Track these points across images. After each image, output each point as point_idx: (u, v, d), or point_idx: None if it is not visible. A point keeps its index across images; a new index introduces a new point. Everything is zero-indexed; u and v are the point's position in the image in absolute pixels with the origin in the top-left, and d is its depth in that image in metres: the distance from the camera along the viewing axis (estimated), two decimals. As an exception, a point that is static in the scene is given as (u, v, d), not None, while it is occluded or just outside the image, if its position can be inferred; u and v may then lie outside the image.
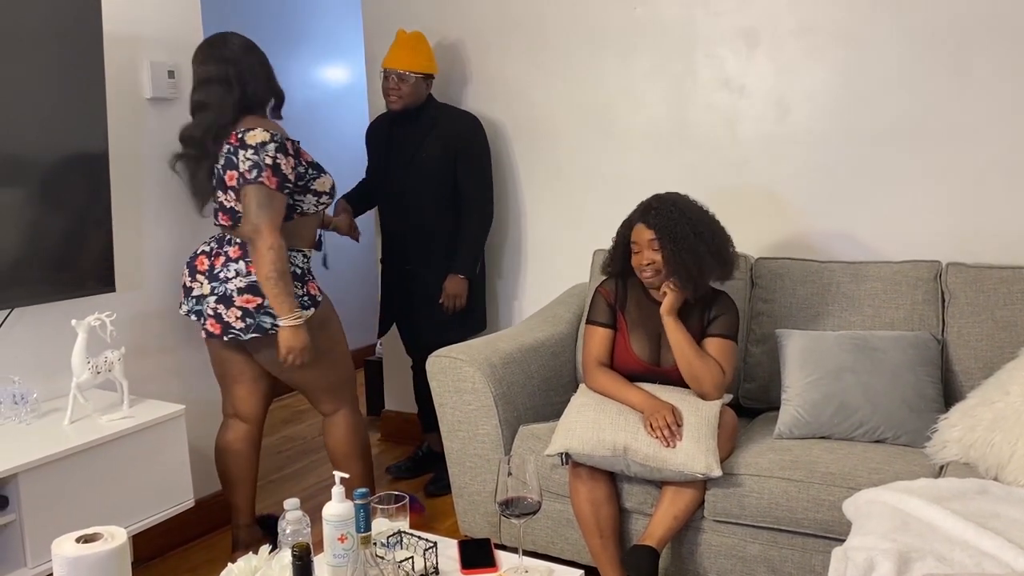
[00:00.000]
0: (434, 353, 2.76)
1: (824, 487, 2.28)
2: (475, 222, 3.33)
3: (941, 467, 2.33)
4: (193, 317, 2.70)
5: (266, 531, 2.93)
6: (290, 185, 2.61)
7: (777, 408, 2.65)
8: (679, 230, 2.47)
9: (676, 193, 2.59)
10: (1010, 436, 2.17)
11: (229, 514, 2.89)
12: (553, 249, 3.54)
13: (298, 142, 2.67)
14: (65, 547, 1.63)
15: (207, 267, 2.67)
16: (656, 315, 2.58)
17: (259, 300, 2.60)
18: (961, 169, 2.81)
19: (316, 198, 2.70)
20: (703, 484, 2.40)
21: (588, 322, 2.67)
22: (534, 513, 1.96)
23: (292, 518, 1.93)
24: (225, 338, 2.63)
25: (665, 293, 2.51)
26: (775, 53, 3.02)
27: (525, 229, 3.58)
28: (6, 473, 2.11)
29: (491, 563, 1.98)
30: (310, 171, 2.67)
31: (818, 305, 2.79)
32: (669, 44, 3.19)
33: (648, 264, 2.49)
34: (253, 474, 2.86)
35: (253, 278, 2.59)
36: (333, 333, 2.79)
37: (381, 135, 3.41)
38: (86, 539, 1.66)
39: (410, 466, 3.58)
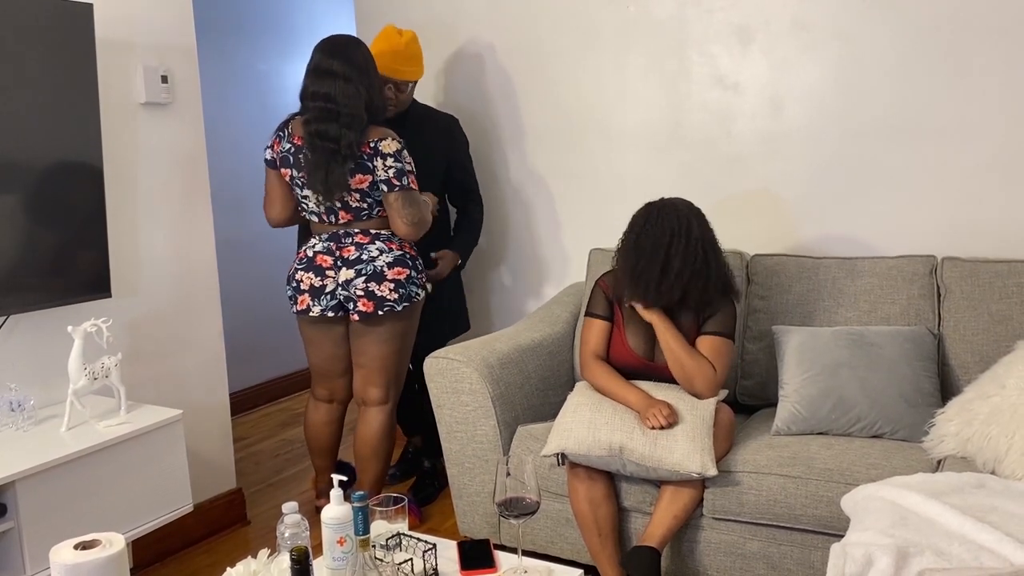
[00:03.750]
0: (431, 355, 2.77)
1: (822, 483, 2.29)
2: (478, 212, 3.39)
3: (938, 461, 2.33)
4: (330, 313, 2.84)
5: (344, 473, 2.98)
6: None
7: (774, 404, 2.65)
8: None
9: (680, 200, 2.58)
10: (1007, 430, 2.18)
11: (228, 518, 3.17)
12: (549, 249, 3.54)
13: None
14: (63, 554, 1.63)
15: (334, 260, 2.81)
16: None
17: (408, 271, 2.82)
18: (956, 164, 2.82)
19: None
20: (701, 482, 2.40)
21: (587, 314, 2.68)
22: (533, 513, 1.96)
23: (290, 521, 1.93)
24: (380, 312, 2.78)
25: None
26: (768, 50, 3.02)
27: (521, 229, 3.58)
28: (4, 481, 2.11)
29: (490, 564, 1.98)
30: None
31: (814, 301, 2.79)
32: (662, 43, 3.19)
33: None
34: (337, 444, 3.16)
35: (398, 252, 2.81)
36: (416, 327, 2.98)
37: None
38: (84, 546, 1.65)
39: (405, 469, 3.57)
